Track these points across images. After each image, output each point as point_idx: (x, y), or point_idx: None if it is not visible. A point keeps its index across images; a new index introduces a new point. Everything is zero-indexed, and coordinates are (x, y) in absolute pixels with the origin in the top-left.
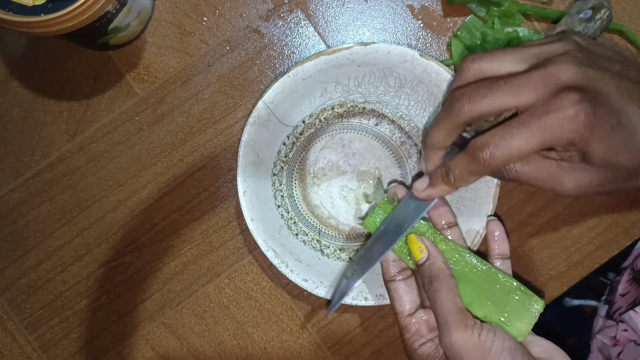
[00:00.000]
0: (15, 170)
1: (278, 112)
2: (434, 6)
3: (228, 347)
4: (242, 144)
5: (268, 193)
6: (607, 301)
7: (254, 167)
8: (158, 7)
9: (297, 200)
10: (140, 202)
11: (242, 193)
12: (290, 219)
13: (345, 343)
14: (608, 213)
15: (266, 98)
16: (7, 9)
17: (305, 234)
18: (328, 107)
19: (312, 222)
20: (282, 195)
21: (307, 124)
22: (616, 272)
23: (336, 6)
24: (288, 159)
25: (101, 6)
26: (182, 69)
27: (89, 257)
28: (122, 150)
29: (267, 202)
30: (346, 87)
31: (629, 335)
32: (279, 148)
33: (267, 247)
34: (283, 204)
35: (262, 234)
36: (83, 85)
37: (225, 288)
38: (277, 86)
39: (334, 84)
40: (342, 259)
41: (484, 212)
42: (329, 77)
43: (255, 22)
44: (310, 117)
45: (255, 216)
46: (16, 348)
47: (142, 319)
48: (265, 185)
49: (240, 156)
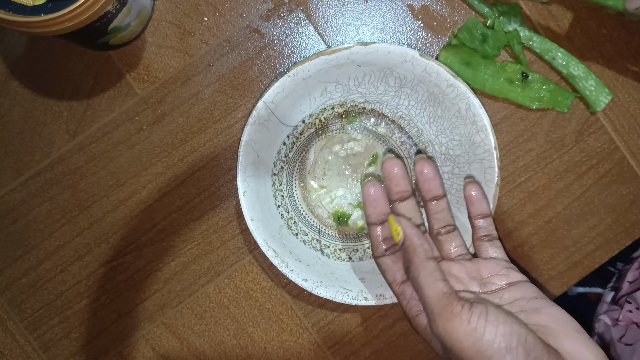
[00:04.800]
0: (16, 170)
1: (278, 112)
2: (434, 6)
3: (228, 347)
4: (242, 143)
5: (268, 193)
6: (613, 288)
7: (254, 167)
8: (158, 7)
9: (297, 200)
10: (140, 202)
11: (242, 193)
12: (291, 218)
13: (346, 343)
14: (608, 213)
15: (266, 98)
16: (7, 8)
17: (305, 234)
18: (328, 107)
19: (312, 222)
20: (282, 195)
21: (307, 124)
22: (625, 261)
23: (336, 6)
24: (288, 159)
25: (101, 6)
26: (182, 68)
27: (89, 257)
28: (122, 150)
29: (267, 202)
30: (346, 87)
31: (633, 316)
32: (279, 148)
33: (267, 246)
34: (283, 204)
35: (262, 234)
36: (83, 85)
37: (226, 288)
38: (277, 86)
39: (334, 83)
40: (342, 259)
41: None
42: (329, 77)
43: (256, 22)
44: (310, 117)
45: (256, 216)
46: (16, 348)
47: (142, 318)
48: (265, 185)
49: (240, 156)
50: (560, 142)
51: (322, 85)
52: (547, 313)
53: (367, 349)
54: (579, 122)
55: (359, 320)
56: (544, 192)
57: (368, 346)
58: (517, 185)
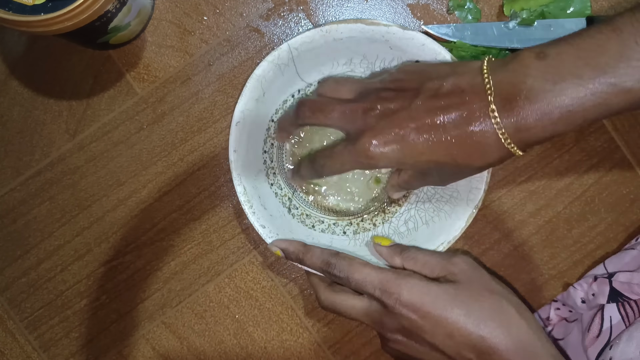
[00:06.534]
0: (16, 170)
1: (298, 61)
2: (434, 5)
3: (228, 347)
4: (252, 76)
5: (259, 135)
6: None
7: (256, 103)
8: (158, 6)
9: (284, 154)
10: (140, 201)
11: (235, 122)
12: (271, 168)
13: (346, 342)
14: (608, 212)
15: (292, 42)
16: (7, 8)
17: (279, 187)
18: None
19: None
20: (272, 143)
21: None
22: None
23: (336, 5)
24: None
25: (101, 5)
26: (182, 68)
27: (89, 257)
28: (122, 149)
29: (255, 142)
30: (371, 66)
31: (561, 313)
32: (286, 98)
33: (239, 181)
34: (270, 152)
35: (239, 168)
36: (83, 85)
37: (226, 287)
38: (306, 35)
39: (361, 57)
40: (306, 224)
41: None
42: (359, 49)
43: (256, 21)
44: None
45: (240, 150)
46: (16, 347)
47: (142, 318)
48: (260, 126)
49: (247, 87)
50: (561, 142)
51: (349, 54)
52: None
53: (367, 349)
54: None
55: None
56: (544, 191)
57: (368, 346)
58: (518, 185)
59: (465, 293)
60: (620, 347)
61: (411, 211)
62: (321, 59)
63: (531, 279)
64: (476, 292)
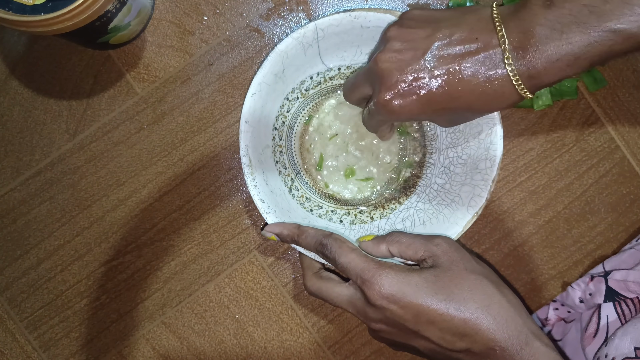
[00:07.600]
0: (16, 170)
1: (322, 44)
2: (434, 5)
3: (228, 347)
4: (275, 50)
5: (273, 110)
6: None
7: (274, 78)
8: (158, 6)
9: (294, 134)
10: (140, 201)
11: (251, 93)
12: (279, 146)
13: (346, 342)
14: (608, 212)
15: (320, 23)
16: (7, 8)
17: (284, 167)
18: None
19: (296, 161)
20: (283, 121)
21: (340, 73)
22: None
23: (337, 5)
24: (307, 94)
25: (101, 5)
26: (182, 68)
27: (89, 257)
28: (122, 149)
29: (267, 117)
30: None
31: (560, 313)
32: (304, 78)
33: (245, 151)
34: (280, 130)
35: (247, 139)
36: (83, 85)
37: (226, 287)
38: (334, 18)
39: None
40: (305, 207)
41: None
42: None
43: (256, 21)
44: (347, 68)
45: (251, 120)
46: (16, 347)
47: (142, 318)
48: (275, 100)
49: (268, 60)
50: (561, 142)
51: (374, 43)
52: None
53: (367, 349)
54: (579, 121)
55: (359, 320)
56: (545, 191)
57: (368, 346)
58: (518, 185)
59: (445, 277)
60: (615, 342)
61: (410, 210)
62: (345, 44)
63: (531, 279)
64: (457, 275)
